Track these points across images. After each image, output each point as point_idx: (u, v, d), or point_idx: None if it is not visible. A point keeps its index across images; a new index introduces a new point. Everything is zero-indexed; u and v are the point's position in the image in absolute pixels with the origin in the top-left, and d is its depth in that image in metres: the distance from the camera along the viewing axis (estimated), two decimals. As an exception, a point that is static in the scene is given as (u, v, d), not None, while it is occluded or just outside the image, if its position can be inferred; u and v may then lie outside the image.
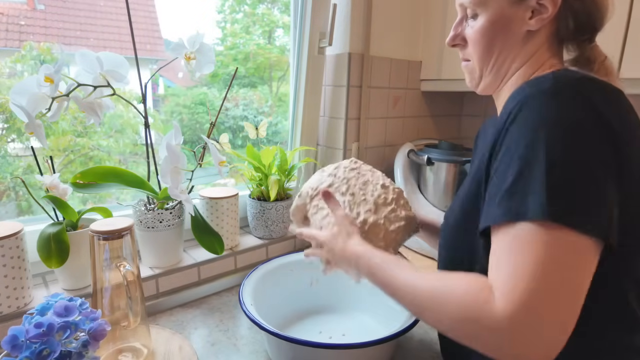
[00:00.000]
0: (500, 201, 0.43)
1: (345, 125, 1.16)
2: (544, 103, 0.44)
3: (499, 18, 0.53)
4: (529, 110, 0.44)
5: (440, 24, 1.23)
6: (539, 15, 0.51)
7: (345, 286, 0.84)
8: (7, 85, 0.97)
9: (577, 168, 0.40)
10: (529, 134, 0.43)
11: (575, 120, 0.42)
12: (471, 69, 0.60)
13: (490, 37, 0.54)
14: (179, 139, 0.74)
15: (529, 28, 0.52)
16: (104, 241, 0.58)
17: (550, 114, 0.43)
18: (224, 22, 1.82)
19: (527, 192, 0.41)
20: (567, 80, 0.45)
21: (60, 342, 0.47)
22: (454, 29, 0.59)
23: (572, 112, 0.42)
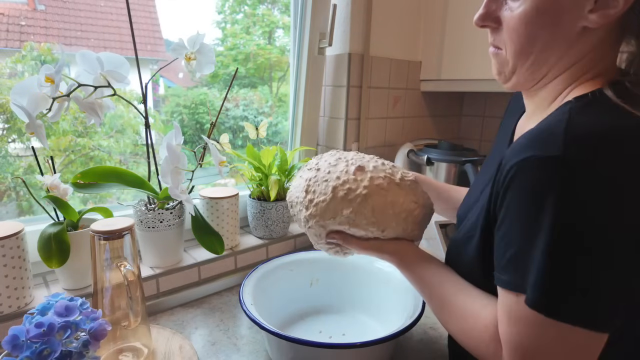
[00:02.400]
0: (502, 269, 0.42)
1: (345, 126, 1.16)
2: (542, 176, 0.38)
3: (550, 6, 0.42)
4: (528, 177, 0.39)
5: (440, 24, 1.23)
6: (603, 9, 0.40)
7: (345, 286, 0.84)
8: (8, 86, 0.97)
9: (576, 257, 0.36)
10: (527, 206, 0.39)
11: (579, 199, 0.36)
12: (502, 60, 0.49)
13: (534, 28, 0.44)
14: (179, 139, 0.74)
15: (587, 24, 0.42)
16: (104, 241, 0.58)
17: (548, 192, 0.37)
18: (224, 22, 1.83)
19: (523, 272, 0.39)
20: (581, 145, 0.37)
21: (61, 341, 0.47)
22: (486, 5, 0.48)
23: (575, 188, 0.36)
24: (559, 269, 0.37)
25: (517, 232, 0.40)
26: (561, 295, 0.37)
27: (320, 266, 0.84)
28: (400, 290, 0.75)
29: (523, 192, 0.39)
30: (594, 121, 0.39)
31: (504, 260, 0.42)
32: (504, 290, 0.42)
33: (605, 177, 0.36)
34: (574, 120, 0.39)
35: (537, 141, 0.39)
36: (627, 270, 0.37)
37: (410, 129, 1.37)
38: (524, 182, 0.39)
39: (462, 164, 1.15)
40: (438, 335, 0.76)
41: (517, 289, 0.40)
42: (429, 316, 0.80)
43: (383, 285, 0.79)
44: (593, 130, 0.38)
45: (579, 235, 0.36)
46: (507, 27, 0.46)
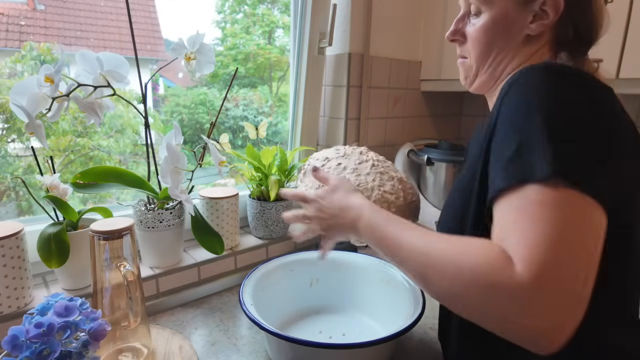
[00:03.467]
0: (504, 169, 0.41)
1: (345, 125, 1.16)
2: (537, 74, 0.44)
3: (503, 18, 0.54)
4: (523, 81, 0.45)
5: (440, 24, 1.23)
6: (540, 20, 0.52)
7: (345, 286, 0.84)
8: (8, 86, 0.97)
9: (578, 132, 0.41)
10: (525, 102, 0.43)
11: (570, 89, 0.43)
12: (467, 67, 0.60)
13: (490, 37, 0.55)
14: (179, 139, 0.74)
15: (529, 32, 0.53)
16: (104, 241, 0.58)
17: (544, 84, 0.43)
18: (224, 22, 1.83)
19: (531, 156, 0.40)
20: (561, 64, 0.46)
21: (61, 342, 0.47)
22: (455, 23, 0.60)
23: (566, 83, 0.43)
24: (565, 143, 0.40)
25: (516, 126, 0.43)
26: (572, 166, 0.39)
27: (320, 266, 0.84)
28: (400, 290, 0.75)
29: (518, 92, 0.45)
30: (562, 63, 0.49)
31: (503, 162, 0.42)
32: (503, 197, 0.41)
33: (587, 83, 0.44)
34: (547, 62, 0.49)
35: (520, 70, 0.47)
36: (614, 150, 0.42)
37: (410, 129, 1.37)
38: (519, 84, 0.45)
39: (462, 164, 1.15)
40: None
41: (523, 179, 0.39)
42: (429, 316, 0.80)
43: (383, 285, 0.79)
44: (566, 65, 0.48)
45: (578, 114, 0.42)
46: (470, 38, 0.57)
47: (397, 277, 0.77)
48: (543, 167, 0.38)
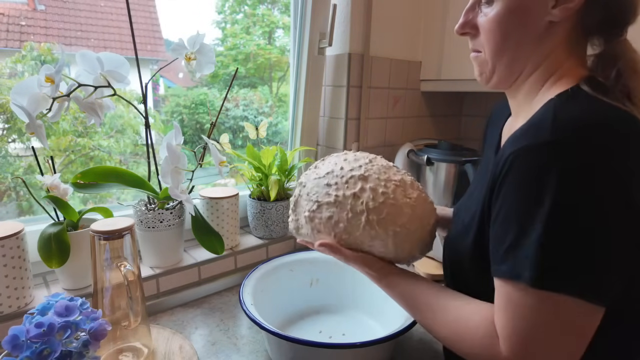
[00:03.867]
0: (501, 258, 0.43)
1: (345, 125, 1.16)
2: (538, 160, 0.40)
3: (518, 6, 0.47)
4: (523, 165, 0.41)
5: (440, 24, 1.23)
6: (564, 3, 0.46)
7: (345, 286, 0.84)
8: (8, 86, 0.97)
9: (573, 233, 0.38)
10: (523, 192, 0.41)
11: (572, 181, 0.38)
12: (482, 62, 0.54)
13: (506, 27, 0.49)
14: (179, 139, 0.74)
15: (552, 19, 0.47)
16: (104, 241, 0.59)
17: (545, 174, 0.39)
18: (224, 22, 1.83)
19: (522, 255, 0.41)
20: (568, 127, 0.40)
21: (61, 341, 0.47)
22: (465, 15, 0.53)
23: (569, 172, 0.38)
24: (557, 245, 0.39)
25: (516, 218, 0.42)
26: (561, 269, 0.39)
27: (320, 266, 0.84)
28: (400, 290, 0.75)
29: (519, 179, 0.42)
30: (577, 110, 0.42)
31: (502, 250, 0.43)
32: (503, 280, 0.43)
33: (595, 157, 0.38)
34: (559, 111, 0.42)
35: (529, 131, 0.42)
36: (621, 245, 0.39)
37: (410, 129, 1.37)
38: (521, 169, 0.41)
39: (462, 164, 1.15)
40: (438, 335, 0.76)
41: (517, 277, 0.41)
42: (429, 316, 0.80)
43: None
44: (579, 116, 0.41)
45: (576, 214, 0.38)
46: (483, 30, 0.51)
47: (397, 277, 0.77)
48: (531, 272, 0.40)
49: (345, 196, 0.58)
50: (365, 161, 0.62)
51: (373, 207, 0.57)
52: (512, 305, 0.42)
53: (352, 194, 0.58)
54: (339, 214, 0.58)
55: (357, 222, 0.57)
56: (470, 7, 0.53)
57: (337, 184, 0.59)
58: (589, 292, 0.39)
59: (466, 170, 1.10)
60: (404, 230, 0.57)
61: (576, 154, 0.38)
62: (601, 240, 0.38)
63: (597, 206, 0.38)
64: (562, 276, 0.39)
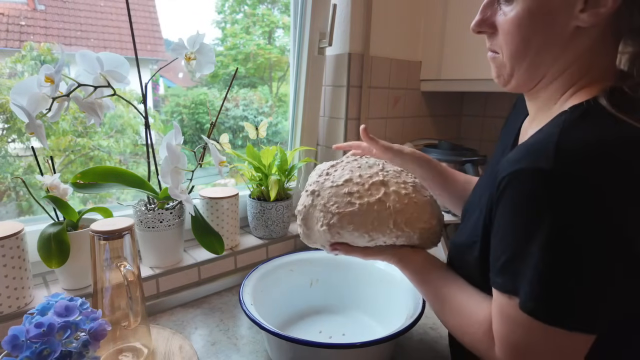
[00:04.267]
0: (498, 272, 0.44)
1: (345, 125, 1.16)
2: (532, 187, 0.39)
3: (542, 7, 0.42)
4: (518, 189, 0.40)
5: (440, 24, 1.23)
6: (594, 7, 0.40)
7: (345, 286, 0.84)
8: (8, 86, 0.97)
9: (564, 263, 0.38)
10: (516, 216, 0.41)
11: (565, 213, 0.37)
12: (500, 64, 0.49)
13: (527, 30, 0.44)
14: (179, 139, 0.74)
15: (579, 24, 0.42)
16: (104, 241, 0.58)
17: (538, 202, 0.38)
18: (224, 22, 1.83)
19: (519, 275, 0.41)
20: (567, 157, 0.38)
21: (61, 342, 0.47)
22: (482, 11, 0.48)
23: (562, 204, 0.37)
24: (547, 279, 0.39)
25: (509, 239, 0.42)
26: (553, 302, 0.39)
27: (320, 266, 0.84)
28: (400, 290, 0.75)
29: (513, 203, 0.41)
30: (584, 135, 0.39)
31: (498, 265, 0.44)
32: (498, 291, 0.44)
33: (592, 189, 0.36)
34: (565, 134, 0.39)
35: (528, 154, 0.40)
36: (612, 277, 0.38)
37: (410, 129, 1.37)
38: (514, 194, 0.41)
39: (462, 164, 1.15)
40: (438, 335, 0.76)
41: (510, 292, 0.42)
42: (429, 316, 0.80)
43: (383, 285, 0.79)
44: (582, 145, 0.38)
45: (567, 246, 0.38)
46: (502, 31, 0.47)
47: (397, 277, 0.77)
48: (528, 301, 0.40)
49: (370, 203, 0.58)
50: (380, 167, 0.64)
51: (400, 209, 0.58)
52: (506, 317, 0.43)
53: (377, 199, 0.58)
54: (363, 223, 0.58)
55: (383, 227, 0.58)
56: (488, 3, 0.48)
57: (360, 192, 0.59)
58: (581, 325, 0.39)
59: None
60: (428, 225, 0.61)
61: (571, 187, 0.37)
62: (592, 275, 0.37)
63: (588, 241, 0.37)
64: (554, 310, 0.39)
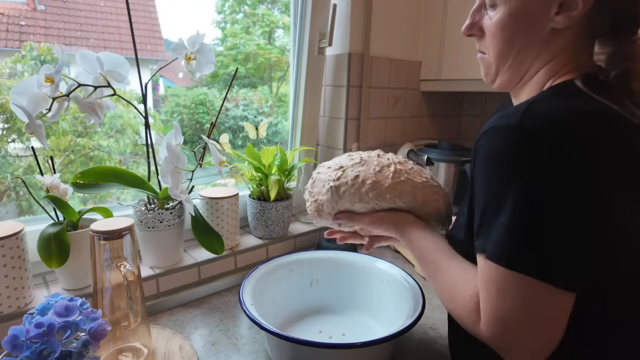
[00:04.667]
0: (476, 235, 0.46)
1: (345, 125, 1.16)
2: (501, 142, 0.41)
3: (521, 11, 0.47)
4: (488, 145, 0.43)
5: (440, 24, 1.23)
6: (567, 11, 0.45)
7: (345, 286, 0.84)
8: (8, 86, 0.97)
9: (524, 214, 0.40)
10: (486, 172, 0.43)
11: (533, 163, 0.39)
12: (487, 64, 0.55)
13: (509, 33, 0.49)
14: (179, 139, 0.74)
15: (555, 25, 0.46)
16: (104, 241, 0.58)
17: (506, 156, 0.41)
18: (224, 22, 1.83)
19: (490, 230, 0.43)
20: (537, 118, 0.41)
21: (61, 342, 0.47)
22: (471, 16, 0.54)
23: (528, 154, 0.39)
24: (515, 226, 0.40)
25: (482, 197, 0.44)
26: (519, 250, 0.40)
27: (320, 266, 0.84)
28: (400, 290, 0.75)
29: (484, 159, 0.44)
30: (555, 103, 0.43)
31: (476, 227, 0.45)
32: (479, 256, 0.45)
33: (556, 148, 0.39)
34: (537, 102, 0.43)
35: (501, 117, 0.43)
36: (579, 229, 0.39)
37: (410, 129, 1.37)
38: (485, 149, 0.43)
39: (462, 164, 1.15)
40: (438, 335, 0.76)
41: (482, 251, 0.43)
42: (429, 316, 0.80)
43: (383, 285, 0.79)
44: (551, 108, 0.42)
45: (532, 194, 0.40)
46: (488, 33, 0.52)
47: (397, 277, 0.77)
48: (491, 250, 0.42)
49: (371, 156, 0.64)
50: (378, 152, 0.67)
51: (400, 161, 0.63)
52: (486, 281, 0.43)
53: (377, 154, 0.64)
54: (365, 171, 0.61)
55: (385, 173, 0.61)
56: (476, 8, 0.53)
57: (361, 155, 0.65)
58: (552, 275, 0.39)
59: (466, 170, 1.10)
60: (431, 182, 0.62)
61: (539, 142, 0.39)
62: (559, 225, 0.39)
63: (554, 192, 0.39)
64: (527, 258, 0.40)
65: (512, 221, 0.40)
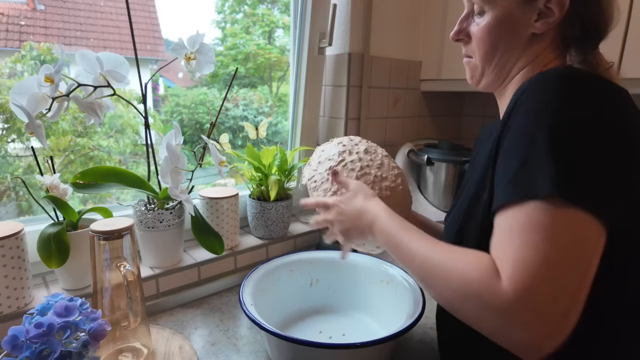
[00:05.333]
0: (508, 183, 0.42)
1: (345, 125, 1.16)
2: (549, 85, 0.44)
3: (506, 17, 0.53)
4: (534, 92, 0.45)
5: (440, 24, 1.23)
6: (545, 18, 0.51)
7: (345, 286, 0.84)
8: (8, 86, 0.97)
9: (586, 147, 0.41)
10: (534, 113, 0.43)
11: (583, 100, 0.42)
12: (473, 66, 0.59)
13: (495, 36, 0.54)
14: (179, 139, 0.74)
15: (534, 31, 0.52)
16: (104, 241, 0.58)
17: (554, 95, 0.43)
18: (224, 22, 1.83)
19: (535, 171, 0.40)
20: (573, 70, 0.46)
21: (61, 342, 0.47)
22: (459, 23, 0.59)
23: (579, 93, 0.43)
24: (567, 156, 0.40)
25: (524, 140, 0.43)
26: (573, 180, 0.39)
27: (320, 266, 0.84)
28: (400, 290, 0.75)
29: (525, 109, 0.44)
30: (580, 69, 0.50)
31: (509, 175, 0.43)
32: (504, 210, 0.42)
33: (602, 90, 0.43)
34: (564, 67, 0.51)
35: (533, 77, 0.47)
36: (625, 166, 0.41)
37: (410, 129, 1.37)
38: (529, 94, 0.45)
39: (462, 164, 1.15)
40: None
41: (526, 196, 0.40)
42: (429, 316, 0.80)
43: (383, 285, 0.79)
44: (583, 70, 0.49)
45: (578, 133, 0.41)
46: (474, 38, 0.56)
47: (397, 277, 0.77)
48: (546, 185, 0.39)
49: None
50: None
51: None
52: (517, 230, 0.40)
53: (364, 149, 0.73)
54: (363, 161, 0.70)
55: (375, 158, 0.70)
56: (464, 16, 0.58)
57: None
58: (600, 206, 0.39)
59: (466, 170, 1.10)
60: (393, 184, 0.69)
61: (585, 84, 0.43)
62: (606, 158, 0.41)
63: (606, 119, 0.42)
64: (581, 190, 0.39)
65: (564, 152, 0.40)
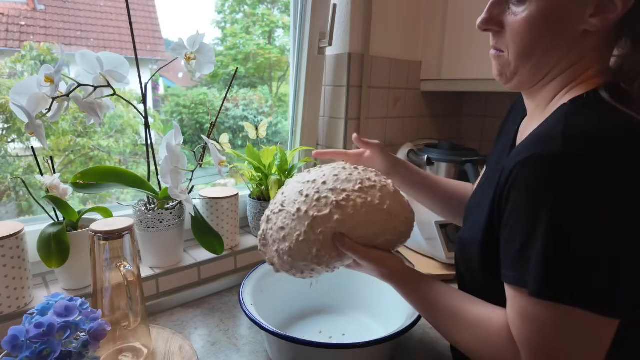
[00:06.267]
0: (510, 264, 0.43)
1: (345, 125, 1.16)
2: (546, 170, 0.39)
3: (554, 10, 0.44)
4: (530, 175, 0.40)
5: (440, 24, 1.23)
6: (603, 13, 0.42)
7: (345, 286, 0.84)
8: (8, 86, 0.97)
9: (577, 244, 0.38)
10: (530, 202, 0.40)
11: (578, 194, 0.38)
12: (504, 63, 0.50)
13: (537, 32, 0.45)
14: (179, 139, 0.74)
15: (587, 27, 0.44)
16: (104, 241, 0.58)
17: (552, 185, 0.39)
18: (224, 22, 1.83)
19: (528, 265, 0.41)
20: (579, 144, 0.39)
21: (61, 342, 0.47)
22: (489, 9, 0.49)
23: (575, 185, 0.38)
24: (561, 258, 0.39)
25: (521, 228, 0.42)
26: (563, 281, 0.39)
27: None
28: (400, 290, 0.75)
29: (526, 189, 0.41)
30: (587, 121, 0.41)
31: (510, 258, 0.43)
32: (513, 288, 0.43)
33: (601, 171, 0.38)
34: (570, 122, 0.41)
35: (536, 142, 0.42)
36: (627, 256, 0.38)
37: (410, 129, 1.37)
38: (527, 179, 0.41)
39: (462, 164, 1.15)
40: (438, 335, 0.76)
41: (521, 286, 0.41)
42: (429, 316, 0.80)
43: (383, 285, 0.79)
44: (587, 130, 0.40)
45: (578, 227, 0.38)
46: (510, 30, 0.47)
47: (397, 277, 0.77)
48: (533, 284, 0.40)
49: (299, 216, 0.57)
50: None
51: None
52: (526, 316, 0.41)
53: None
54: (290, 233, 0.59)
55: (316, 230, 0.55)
56: (496, 2, 0.49)
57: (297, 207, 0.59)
58: (596, 305, 0.38)
59: (466, 170, 1.10)
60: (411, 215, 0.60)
61: (581, 169, 0.38)
62: (605, 253, 0.38)
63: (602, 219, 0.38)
64: (567, 288, 0.39)
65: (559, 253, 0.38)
